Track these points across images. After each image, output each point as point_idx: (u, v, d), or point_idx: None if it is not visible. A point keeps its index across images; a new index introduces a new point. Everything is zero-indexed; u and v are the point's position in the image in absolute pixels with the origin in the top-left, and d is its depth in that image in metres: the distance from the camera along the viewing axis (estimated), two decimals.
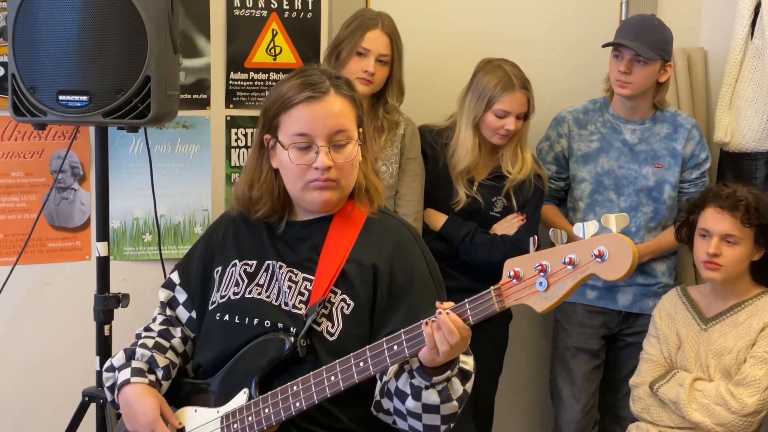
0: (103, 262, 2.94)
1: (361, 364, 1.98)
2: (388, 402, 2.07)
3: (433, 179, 3.32)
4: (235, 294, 2.21)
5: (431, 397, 1.98)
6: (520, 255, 1.76)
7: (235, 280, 2.22)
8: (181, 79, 3.10)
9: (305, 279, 2.16)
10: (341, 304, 2.12)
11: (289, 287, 2.16)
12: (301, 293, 2.15)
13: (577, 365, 3.56)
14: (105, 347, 2.92)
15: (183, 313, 2.34)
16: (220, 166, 3.34)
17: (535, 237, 1.88)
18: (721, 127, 3.64)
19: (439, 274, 2.23)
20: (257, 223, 2.26)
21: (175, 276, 2.38)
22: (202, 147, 3.30)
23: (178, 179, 3.28)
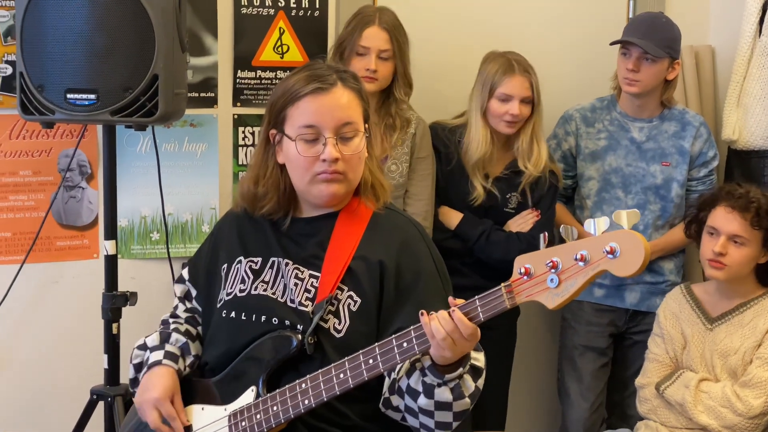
0: (111, 261, 2.94)
1: (371, 361, 1.98)
2: (399, 399, 2.07)
3: (447, 177, 3.30)
4: (241, 291, 2.21)
5: (444, 394, 1.98)
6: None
7: (241, 277, 2.22)
8: (188, 77, 3.10)
9: (311, 276, 2.15)
10: (348, 301, 2.11)
11: (296, 284, 2.16)
12: (307, 290, 2.15)
13: (585, 363, 3.55)
14: (113, 345, 2.93)
15: (198, 308, 2.36)
16: (228, 164, 3.34)
17: (545, 234, 1.87)
18: (729, 125, 3.63)
19: (445, 271, 2.23)
20: (262, 220, 2.25)
21: (185, 272, 2.39)
22: (209, 145, 3.30)
23: (186, 177, 3.28)
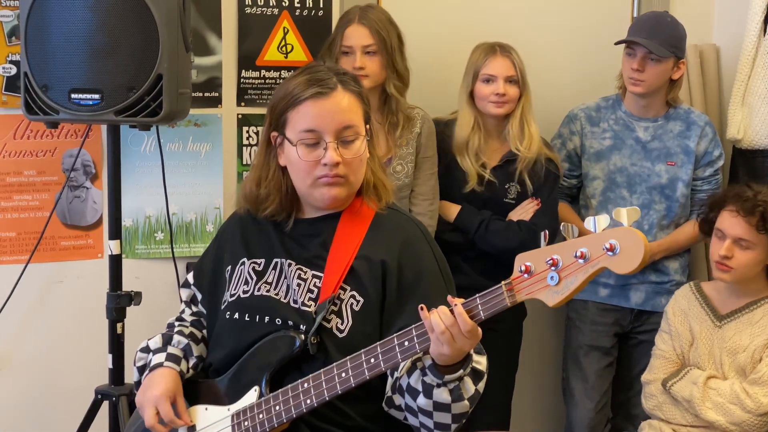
0: (116, 260, 2.95)
1: (372, 360, 1.98)
2: (400, 398, 2.07)
3: (443, 170, 3.31)
4: (244, 292, 2.21)
5: (443, 395, 1.98)
6: (536, 240, 1.75)
7: (245, 279, 2.22)
8: (192, 77, 3.10)
9: (314, 276, 2.16)
10: (350, 301, 2.12)
11: (299, 285, 2.16)
12: (310, 290, 2.15)
13: (590, 363, 3.55)
14: (117, 345, 2.93)
15: (203, 311, 2.36)
16: (232, 164, 3.34)
17: (545, 231, 1.87)
18: (734, 124, 3.62)
19: (448, 270, 2.23)
20: (265, 222, 2.26)
21: (190, 276, 2.40)
22: (213, 145, 3.31)
23: (190, 177, 3.29)
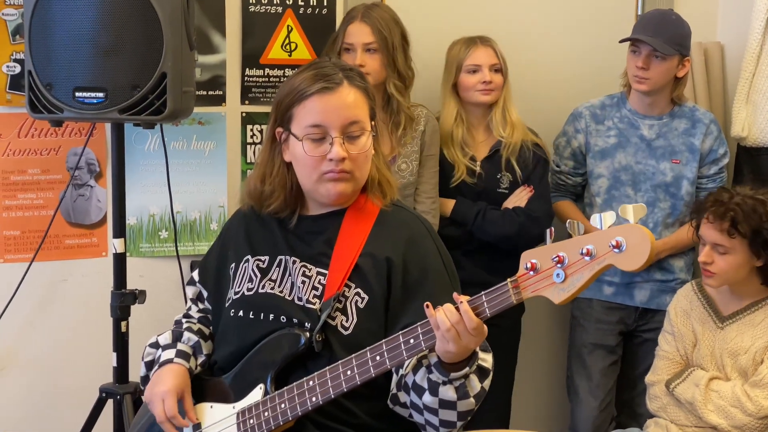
0: (120, 259, 2.95)
1: (378, 357, 1.97)
2: (405, 395, 2.06)
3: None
4: (249, 290, 2.21)
5: (448, 393, 1.97)
6: (534, 224, 1.74)
7: (249, 276, 2.22)
8: (196, 75, 3.10)
9: (319, 273, 2.15)
10: (355, 298, 2.11)
11: (303, 282, 2.15)
12: (315, 288, 2.14)
13: (594, 361, 3.54)
14: (122, 343, 2.94)
15: (210, 308, 2.36)
16: (236, 162, 3.34)
17: (551, 228, 1.86)
18: (738, 122, 3.62)
19: (453, 267, 2.22)
20: (269, 219, 2.25)
21: (195, 274, 2.40)
22: (217, 143, 3.31)
23: (194, 176, 3.29)
